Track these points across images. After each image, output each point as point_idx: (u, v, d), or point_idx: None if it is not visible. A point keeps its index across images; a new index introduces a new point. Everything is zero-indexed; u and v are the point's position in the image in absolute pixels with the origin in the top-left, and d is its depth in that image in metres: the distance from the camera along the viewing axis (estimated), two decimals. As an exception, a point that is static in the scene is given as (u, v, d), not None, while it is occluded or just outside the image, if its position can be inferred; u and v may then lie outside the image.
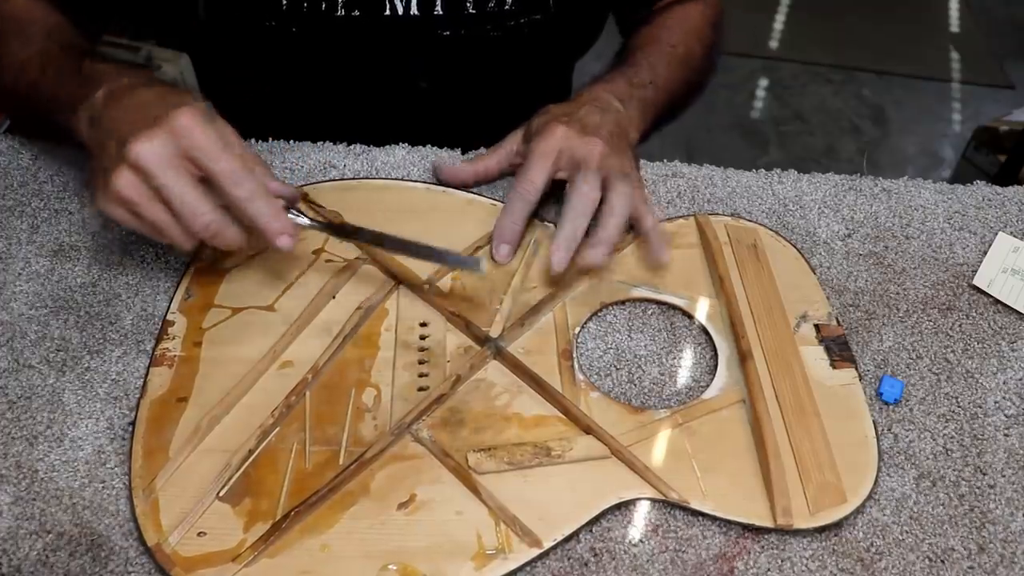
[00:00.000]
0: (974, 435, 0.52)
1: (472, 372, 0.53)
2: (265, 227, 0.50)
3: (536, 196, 0.58)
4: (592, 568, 0.45)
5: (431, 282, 0.58)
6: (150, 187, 0.48)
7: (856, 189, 0.69)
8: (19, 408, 0.51)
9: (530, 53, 0.76)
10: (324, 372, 0.52)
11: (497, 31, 0.71)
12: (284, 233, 0.51)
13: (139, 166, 0.48)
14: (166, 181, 0.48)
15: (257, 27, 0.69)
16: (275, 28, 0.69)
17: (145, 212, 0.49)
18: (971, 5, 2.73)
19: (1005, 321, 0.59)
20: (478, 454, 0.48)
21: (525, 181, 0.58)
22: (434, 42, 0.71)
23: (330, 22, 0.68)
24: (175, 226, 0.50)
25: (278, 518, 0.45)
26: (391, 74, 0.74)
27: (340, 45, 0.71)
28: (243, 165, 0.50)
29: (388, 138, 0.70)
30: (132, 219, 0.50)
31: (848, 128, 2.24)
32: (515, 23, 0.71)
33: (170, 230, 0.50)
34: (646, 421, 0.51)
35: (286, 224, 0.51)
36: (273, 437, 0.49)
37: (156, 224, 0.50)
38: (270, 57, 0.72)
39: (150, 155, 0.48)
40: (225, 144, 0.49)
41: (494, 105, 0.80)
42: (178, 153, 0.48)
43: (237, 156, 0.50)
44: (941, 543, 0.47)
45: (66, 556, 0.44)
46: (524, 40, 0.73)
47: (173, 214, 0.49)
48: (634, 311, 0.58)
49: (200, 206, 0.49)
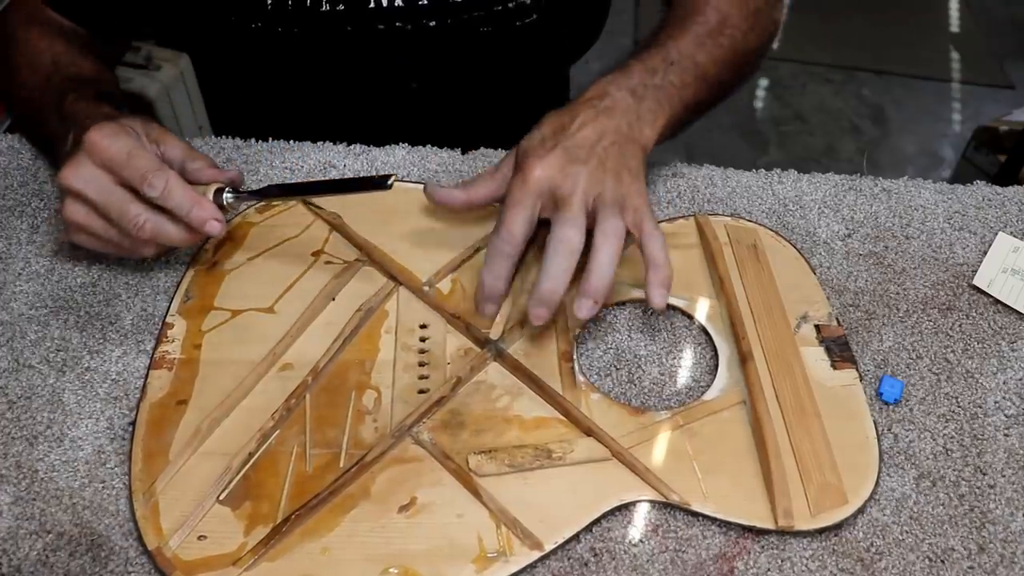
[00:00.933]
0: (974, 435, 0.52)
1: (472, 374, 0.53)
2: (188, 218, 0.53)
3: (517, 249, 0.53)
4: (592, 568, 0.45)
5: (431, 284, 0.58)
6: (89, 208, 0.52)
7: (856, 189, 0.69)
8: (19, 408, 0.51)
9: (520, 50, 0.75)
10: (324, 374, 0.52)
11: (486, 24, 0.71)
12: (209, 219, 0.53)
13: (72, 191, 0.52)
14: (97, 198, 0.52)
15: (245, 29, 0.69)
16: (262, 29, 0.69)
17: (96, 231, 0.53)
18: (971, 5, 2.73)
19: (1005, 321, 0.59)
20: (479, 456, 0.48)
21: (503, 232, 0.52)
22: (421, 35, 0.70)
23: (315, 18, 0.68)
24: (123, 240, 0.53)
25: (278, 521, 0.45)
26: (381, 74, 0.74)
27: (328, 43, 0.70)
28: (151, 166, 0.52)
29: (387, 138, 0.70)
30: (92, 241, 0.54)
31: (848, 128, 2.24)
32: (502, 8, 0.71)
33: (123, 242, 0.53)
34: (647, 423, 0.51)
35: (209, 210, 0.53)
36: (273, 440, 0.49)
37: (110, 239, 0.54)
38: (262, 58, 0.72)
39: (75, 178, 0.52)
40: (131, 150, 0.52)
41: (490, 104, 0.80)
42: (98, 169, 0.51)
43: (146, 159, 0.52)
44: (941, 543, 0.47)
45: (66, 556, 0.44)
46: (513, 35, 0.72)
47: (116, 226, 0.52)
48: (634, 312, 0.58)
49: (131, 209, 0.52)
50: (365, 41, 0.70)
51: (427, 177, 0.67)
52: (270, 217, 0.62)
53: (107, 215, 0.52)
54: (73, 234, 0.54)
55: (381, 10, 0.69)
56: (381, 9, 0.69)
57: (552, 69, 0.86)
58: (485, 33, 0.71)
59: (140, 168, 0.51)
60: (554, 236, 0.51)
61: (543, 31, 0.74)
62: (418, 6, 0.69)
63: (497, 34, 0.72)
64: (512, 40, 0.73)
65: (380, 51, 0.72)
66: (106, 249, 0.55)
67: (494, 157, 0.69)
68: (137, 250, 0.54)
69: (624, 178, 0.54)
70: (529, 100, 0.83)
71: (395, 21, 0.69)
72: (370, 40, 0.70)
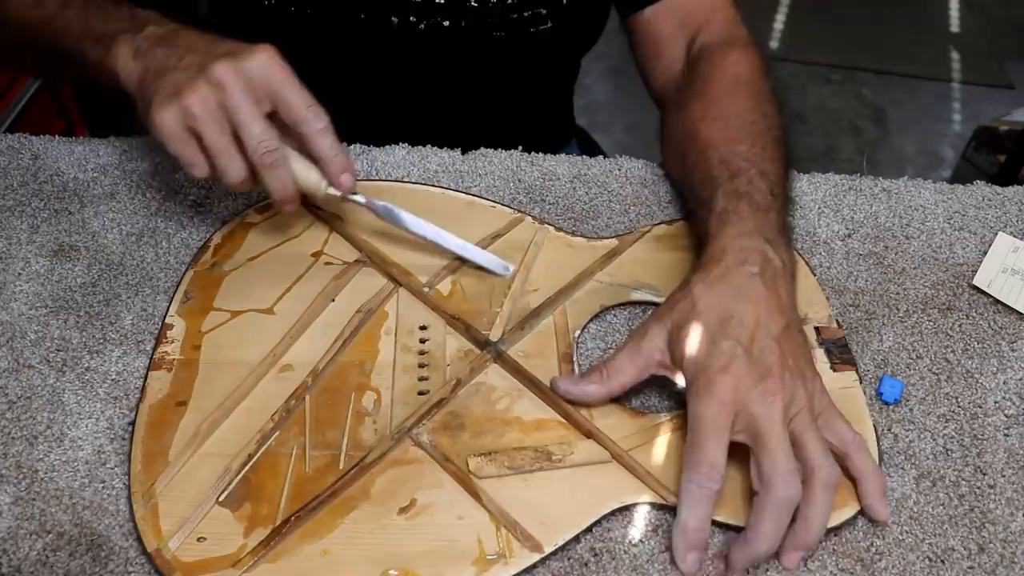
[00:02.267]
0: (974, 435, 0.52)
1: (472, 376, 0.53)
2: (330, 160, 0.52)
3: (721, 482, 0.44)
4: (592, 568, 0.45)
5: (431, 285, 0.58)
6: (221, 106, 0.49)
7: (856, 189, 0.69)
8: (19, 408, 0.51)
9: (531, 56, 0.75)
10: (324, 376, 0.52)
11: (499, 29, 0.70)
12: (347, 171, 0.53)
13: (220, 83, 0.49)
14: (243, 103, 0.49)
15: (256, 7, 0.69)
16: (274, 7, 0.69)
17: (208, 130, 0.50)
18: (971, 5, 2.73)
19: (1005, 321, 0.59)
20: (479, 458, 0.48)
21: (705, 468, 0.44)
22: (434, 35, 0.70)
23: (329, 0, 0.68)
24: (233, 150, 0.50)
25: (278, 523, 0.45)
26: (389, 71, 0.73)
27: (339, 29, 0.70)
28: (317, 103, 0.52)
29: (387, 136, 0.70)
30: (187, 137, 0.50)
31: (848, 128, 2.24)
32: (517, 16, 0.70)
33: (224, 155, 0.50)
34: (647, 424, 0.51)
35: (351, 163, 0.53)
36: (273, 441, 0.49)
37: (215, 145, 0.50)
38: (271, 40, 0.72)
39: (234, 75, 0.49)
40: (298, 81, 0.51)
41: (492, 107, 0.79)
42: (258, 80, 0.50)
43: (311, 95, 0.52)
44: (941, 543, 0.47)
45: (66, 556, 0.44)
46: (526, 42, 0.72)
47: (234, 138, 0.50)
48: (635, 313, 0.58)
49: (268, 132, 0.50)
50: (377, 33, 0.70)
51: (427, 179, 0.67)
52: (269, 218, 0.62)
53: (234, 122, 0.50)
54: (172, 119, 0.49)
55: (397, 2, 0.68)
56: (397, 1, 0.68)
57: (557, 72, 0.86)
58: (498, 38, 0.71)
59: (308, 100, 0.51)
60: (770, 486, 0.44)
61: (555, 38, 0.73)
62: (434, 3, 0.68)
63: (510, 40, 0.71)
64: (524, 46, 0.72)
65: (391, 47, 0.71)
66: (188, 155, 0.51)
67: (494, 157, 0.69)
68: (232, 170, 0.51)
69: (807, 373, 0.48)
70: (531, 101, 0.83)
71: (409, 15, 0.69)
72: (382, 33, 0.70)
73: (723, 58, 0.64)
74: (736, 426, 0.45)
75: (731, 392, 0.45)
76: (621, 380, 0.50)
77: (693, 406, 0.46)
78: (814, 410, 0.47)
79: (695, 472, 0.44)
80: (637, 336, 0.50)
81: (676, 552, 0.45)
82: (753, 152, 0.56)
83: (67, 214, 0.63)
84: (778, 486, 0.44)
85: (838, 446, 0.47)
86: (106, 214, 0.63)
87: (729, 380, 0.45)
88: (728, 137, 0.58)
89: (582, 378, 0.50)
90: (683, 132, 0.62)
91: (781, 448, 0.44)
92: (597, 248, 0.61)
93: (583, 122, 0.97)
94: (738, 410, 0.45)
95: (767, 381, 0.45)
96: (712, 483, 0.44)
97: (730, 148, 0.57)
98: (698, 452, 0.45)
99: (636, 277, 0.59)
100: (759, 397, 0.45)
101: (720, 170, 0.56)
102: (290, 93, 0.51)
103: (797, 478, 0.44)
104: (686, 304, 0.49)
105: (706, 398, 0.45)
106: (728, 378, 0.45)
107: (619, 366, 0.50)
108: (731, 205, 0.53)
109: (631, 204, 0.66)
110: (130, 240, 0.61)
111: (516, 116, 0.82)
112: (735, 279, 0.49)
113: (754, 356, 0.46)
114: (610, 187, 0.67)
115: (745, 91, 0.62)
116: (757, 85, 0.62)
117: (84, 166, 0.66)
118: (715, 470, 0.44)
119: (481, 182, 0.67)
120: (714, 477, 0.44)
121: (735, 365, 0.46)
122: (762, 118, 0.59)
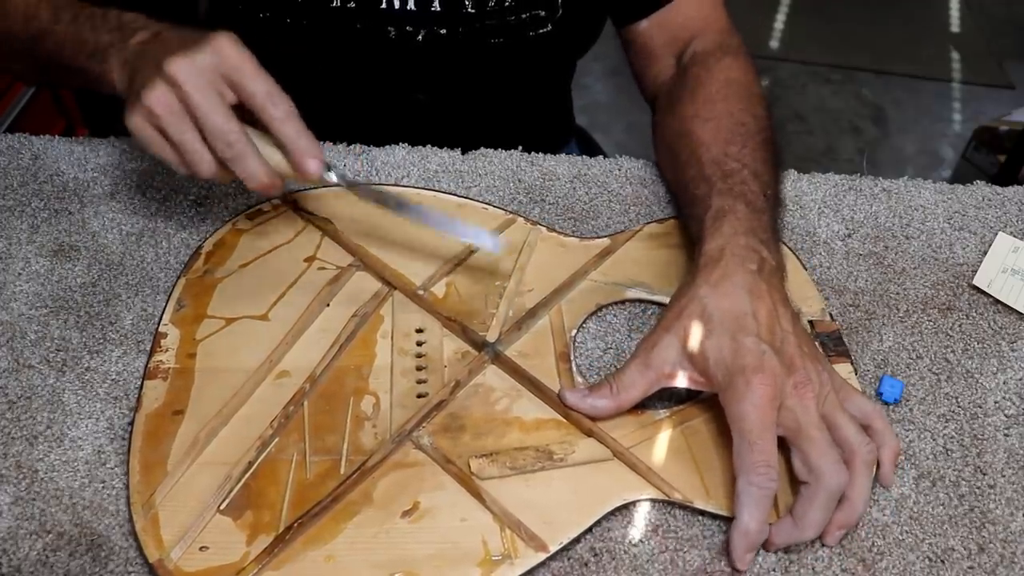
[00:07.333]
0: (974, 435, 0.52)
1: (470, 377, 0.53)
2: (296, 147, 0.51)
3: (779, 480, 0.45)
4: (592, 568, 0.45)
5: (426, 287, 0.57)
6: (181, 102, 0.49)
7: (856, 189, 0.69)
8: (19, 408, 0.51)
9: (530, 60, 0.75)
10: (321, 381, 0.52)
11: (498, 36, 0.70)
12: (311, 156, 0.51)
13: (174, 80, 0.48)
14: (198, 97, 0.49)
15: (252, 18, 0.69)
16: (270, 19, 0.68)
17: (171, 128, 0.49)
18: (971, 5, 2.73)
19: (1005, 321, 0.59)
20: (480, 460, 0.48)
21: (763, 468, 0.44)
22: (432, 43, 0.70)
23: (325, 12, 0.68)
24: (198, 144, 0.50)
25: (281, 530, 0.45)
26: (387, 81, 0.73)
27: (336, 40, 0.70)
28: (278, 88, 0.50)
29: (388, 137, 0.70)
30: (156, 137, 0.50)
31: (848, 128, 2.24)
32: (515, 19, 0.70)
33: (192, 150, 0.50)
34: (647, 422, 0.51)
35: (317, 148, 0.51)
36: (272, 448, 0.49)
37: (180, 142, 0.50)
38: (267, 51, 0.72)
39: (187, 70, 0.48)
40: (259, 66, 0.50)
41: (492, 110, 0.79)
42: (214, 71, 0.49)
43: (270, 79, 0.50)
44: (941, 543, 0.47)
45: (66, 556, 0.44)
46: (525, 46, 0.72)
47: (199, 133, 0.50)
48: (633, 312, 0.58)
49: (227, 124, 0.49)
50: (374, 43, 0.70)
51: (427, 179, 0.67)
52: (261, 224, 0.62)
53: (196, 118, 0.49)
54: (139, 121, 0.50)
55: (392, 12, 0.68)
56: (393, 11, 0.68)
57: (556, 75, 0.86)
58: (496, 44, 0.70)
59: (269, 86, 0.50)
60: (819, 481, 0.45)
61: (555, 41, 0.73)
62: (430, 12, 0.68)
63: (508, 45, 0.71)
64: (523, 51, 0.72)
65: (388, 56, 0.71)
66: (163, 153, 0.51)
67: (494, 157, 0.69)
68: (202, 165, 0.51)
69: (820, 357, 0.49)
70: (530, 102, 0.83)
71: (406, 25, 0.68)
72: (379, 43, 0.70)
73: (716, 63, 0.65)
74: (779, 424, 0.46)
75: (771, 388, 0.45)
76: (631, 394, 0.49)
77: (738, 408, 0.45)
78: (842, 399, 0.48)
79: (754, 474, 0.44)
80: (646, 348, 0.50)
81: (735, 553, 0.45)
82: (744, 153, 0.57)
83: (67, 214, 0.63)
84: (830, 476, 0.44)
85: (861, 419, 0.48)
86: (106, 214, 0.63)
87: (767, 377, 0.45)
88: (720, 138, 0.58)
89: (591, 392, 0.50)
90: (675, 132, 0.63)
91: (824, 438, 0.45)
92: (590, 247, 0.61)
93: (583, 122, 0.97)
94: (780, 407, 0.45)
95: (795, 373, 0.46)
96: (772, 483, 0.44)
97: (722, 149, 0.57)
98: (754, 453, 0.44)
99: (630, 275, 0.59)
100: (792, 390, 0.46)
101: (713, 170, 0.56)
102: (248, 81, 0.50)
103: (843, 465, 0.45)
104: (695, 309, 0.49)
105: (750, 399, 0.45)
106: (765, 376, 0.45)
107: (629, 380, 0.49)
108: (727, 204, 0.53)
109: (631, 204, 0.66)
110: (130, 240, 0.61)
111: (515, 117, 0.82)
112: (738, 277, 0.49)
113: (777, 348, 0.47)
114: (610, 187, 0.67)
115: (737, 94, 0.62)
116: (749, 89, 0.63)
117: (84, 166, 0.66)
118: (773, 470, 0.44)
119: (481, 182, 0.67)
120: (773, 476, 0.44)
121: (767, 361, 0.46)
122: (753, 120, 0.60)
